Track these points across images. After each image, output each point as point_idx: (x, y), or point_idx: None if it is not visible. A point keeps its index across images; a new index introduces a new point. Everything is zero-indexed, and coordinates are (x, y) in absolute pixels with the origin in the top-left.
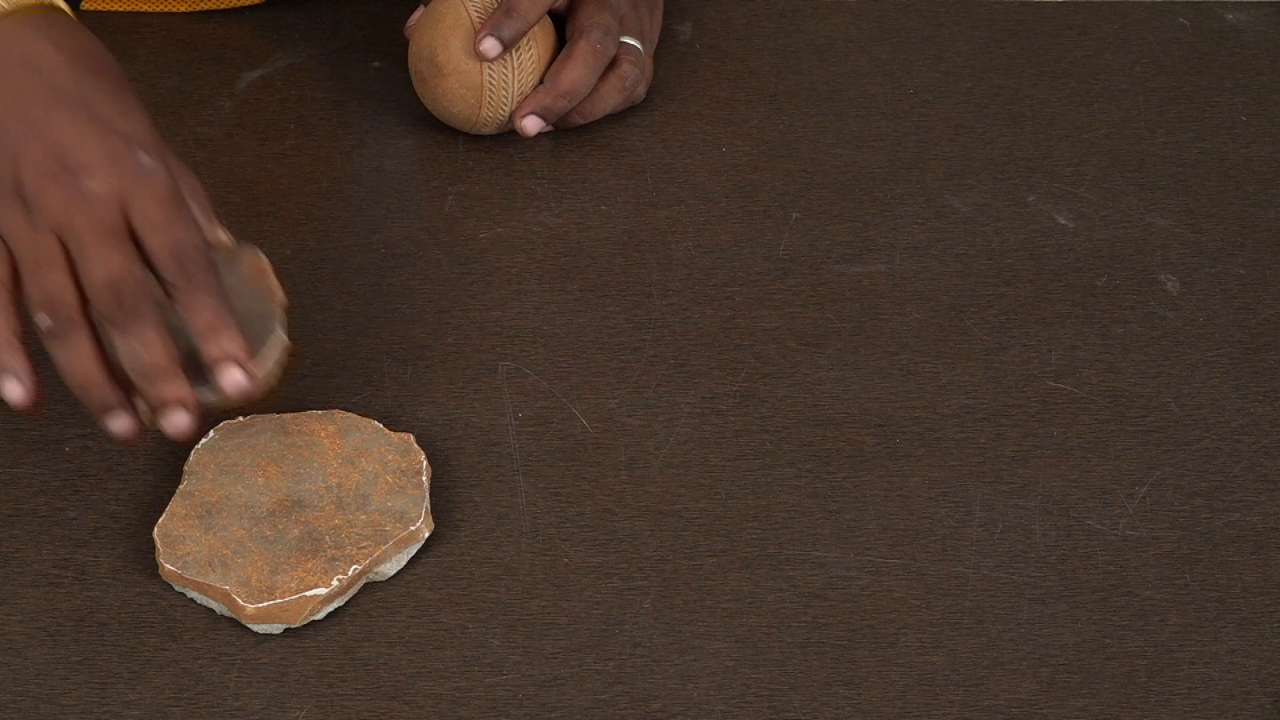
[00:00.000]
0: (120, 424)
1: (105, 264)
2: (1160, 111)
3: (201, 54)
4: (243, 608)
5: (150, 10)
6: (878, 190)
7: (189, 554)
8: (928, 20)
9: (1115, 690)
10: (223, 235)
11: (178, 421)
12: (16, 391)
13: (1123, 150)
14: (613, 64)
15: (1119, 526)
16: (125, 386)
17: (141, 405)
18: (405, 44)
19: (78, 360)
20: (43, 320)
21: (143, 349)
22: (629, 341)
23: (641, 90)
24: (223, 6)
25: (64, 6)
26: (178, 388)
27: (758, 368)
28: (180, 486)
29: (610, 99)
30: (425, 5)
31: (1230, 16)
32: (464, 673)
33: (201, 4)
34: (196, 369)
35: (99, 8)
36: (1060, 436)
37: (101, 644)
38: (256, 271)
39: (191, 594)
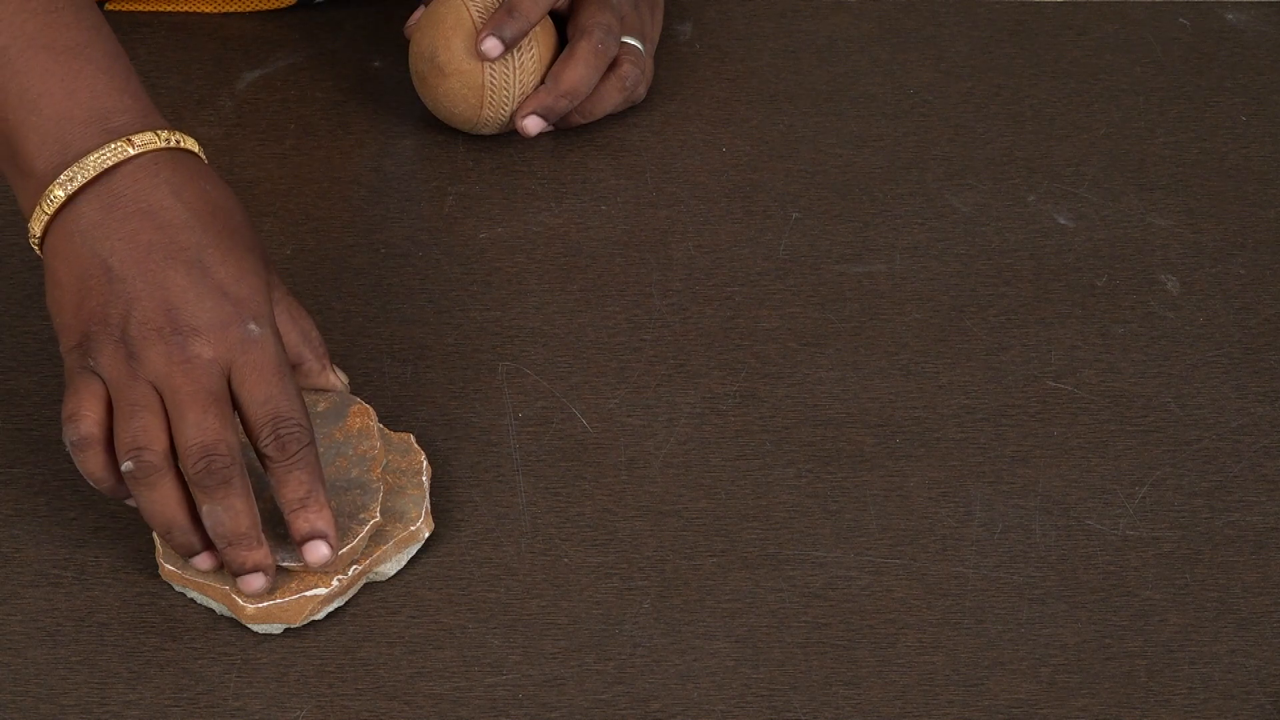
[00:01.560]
0: (204, 563)
1: (199, 429)
2: (1160, 111)
3: (201, 54)
4: (243, 608)
5: (173, 10)
6: (878, 190)
7: None
8: (928, 20)
9: (1115, 690)
10: (335, 379)
11: (254, 584)
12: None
13: (1123, 150)
14: (614, 64)
15: (1119, 526)
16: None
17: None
18: (405, 44)
19: (160, 505)
20: (126, 466)
21: (226, 517)
22: (629, 341)
23: (642, 90)
24: (248, 9)
25: (193, 147)
26: (259, 555)
27: (758, 368)
28: None
29: (611, 99)
30: (426, 5)
31: (1230, 16)
32: (464, 673)
33: (227, 5)
34: (280, 522)
35: (123, 8)
36: (1060, 436)
37: (101, 644)
38: (362, 429)
39: (191, 594)
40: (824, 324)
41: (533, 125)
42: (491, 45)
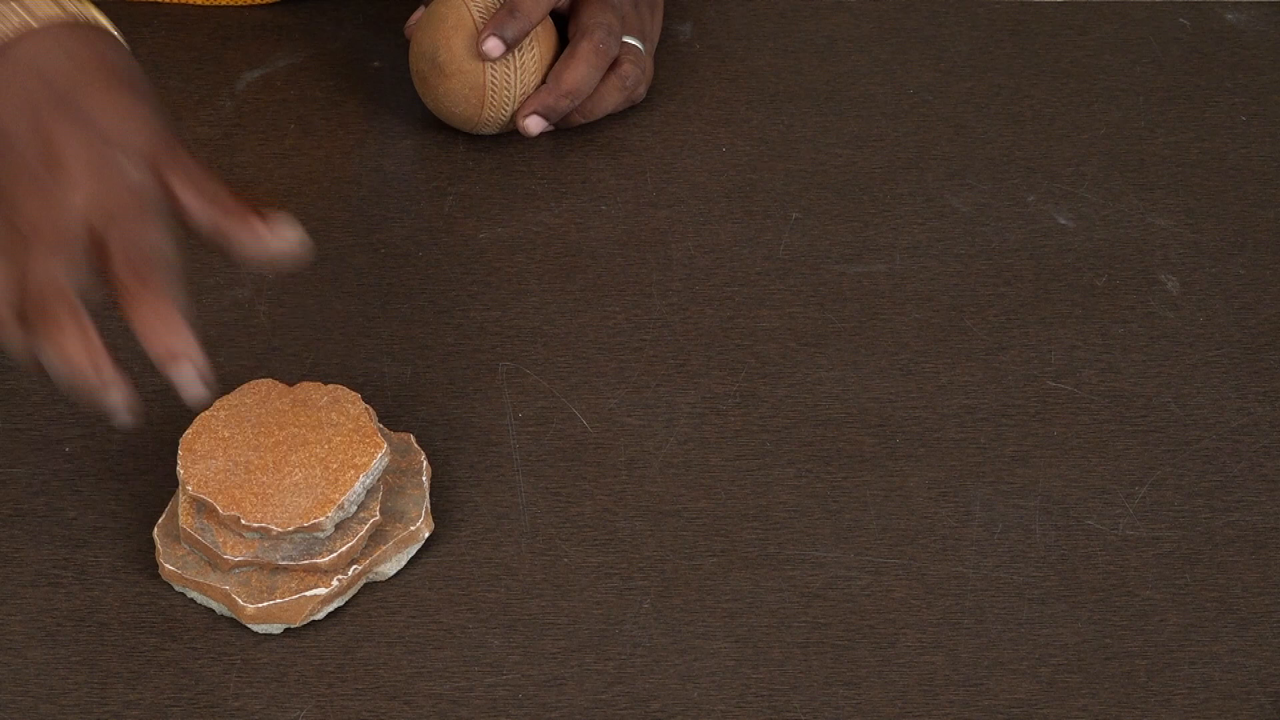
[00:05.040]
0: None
1: (41, 271)
2: (1160, 111)
3: (201, 54)
4: (243, 608)
5: (168, 0)
6: (878, 190)
7: (189, 554)
8: (928, 20)
9: (1115, 690)
10: (262, 227)
11: (121, 417)
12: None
13: (1123, 150)
14: (614, 64)
15: (1119, 526)
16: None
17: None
18: (405, 44)
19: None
20: None
21: (58, 358)
22: (629, 341)
23: (642, 90)
24: (236, 3)
25: (101, 22)
26: (106, 374)
27: (758, 368)
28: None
29: (611, 99)
30: (426, 5)
31: (1230, 16)
32: (464, 673)
33: None
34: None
35: None
36: (1060, 436)
37: (101, 644)
38: None
39: (191, 594)
40: (824, 324)
41: (534, 125)
42: (493, 45)
